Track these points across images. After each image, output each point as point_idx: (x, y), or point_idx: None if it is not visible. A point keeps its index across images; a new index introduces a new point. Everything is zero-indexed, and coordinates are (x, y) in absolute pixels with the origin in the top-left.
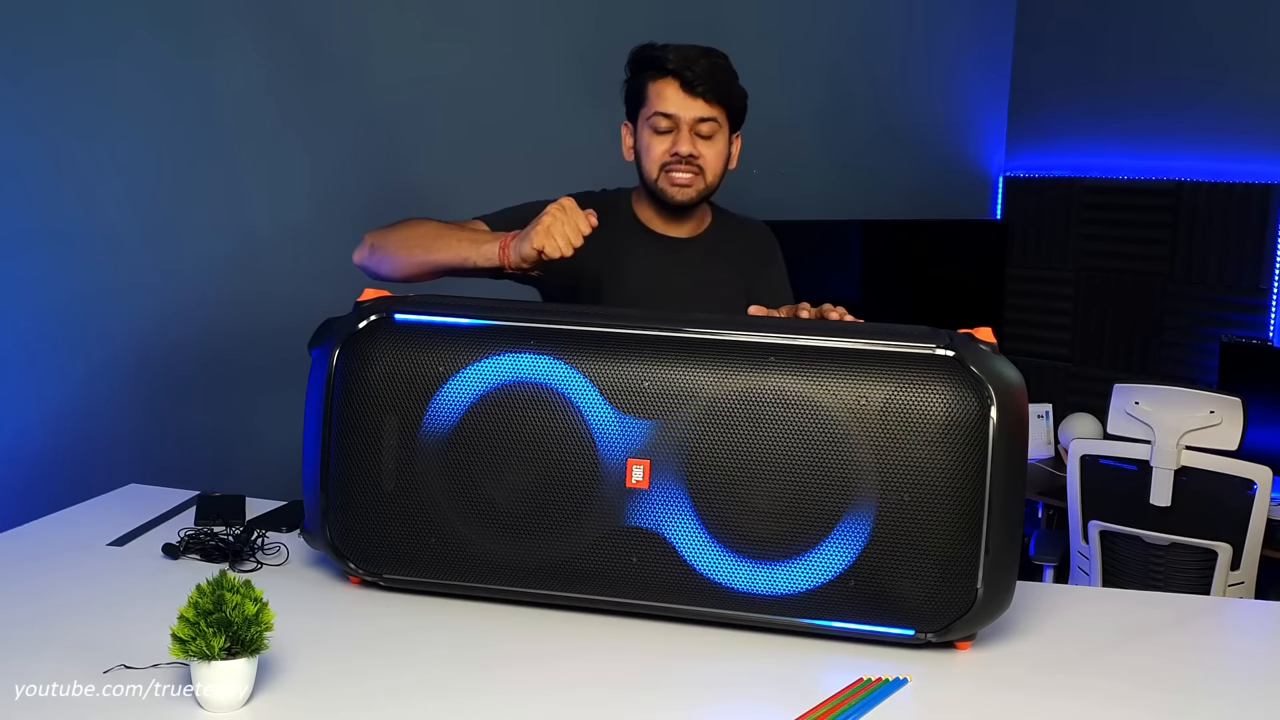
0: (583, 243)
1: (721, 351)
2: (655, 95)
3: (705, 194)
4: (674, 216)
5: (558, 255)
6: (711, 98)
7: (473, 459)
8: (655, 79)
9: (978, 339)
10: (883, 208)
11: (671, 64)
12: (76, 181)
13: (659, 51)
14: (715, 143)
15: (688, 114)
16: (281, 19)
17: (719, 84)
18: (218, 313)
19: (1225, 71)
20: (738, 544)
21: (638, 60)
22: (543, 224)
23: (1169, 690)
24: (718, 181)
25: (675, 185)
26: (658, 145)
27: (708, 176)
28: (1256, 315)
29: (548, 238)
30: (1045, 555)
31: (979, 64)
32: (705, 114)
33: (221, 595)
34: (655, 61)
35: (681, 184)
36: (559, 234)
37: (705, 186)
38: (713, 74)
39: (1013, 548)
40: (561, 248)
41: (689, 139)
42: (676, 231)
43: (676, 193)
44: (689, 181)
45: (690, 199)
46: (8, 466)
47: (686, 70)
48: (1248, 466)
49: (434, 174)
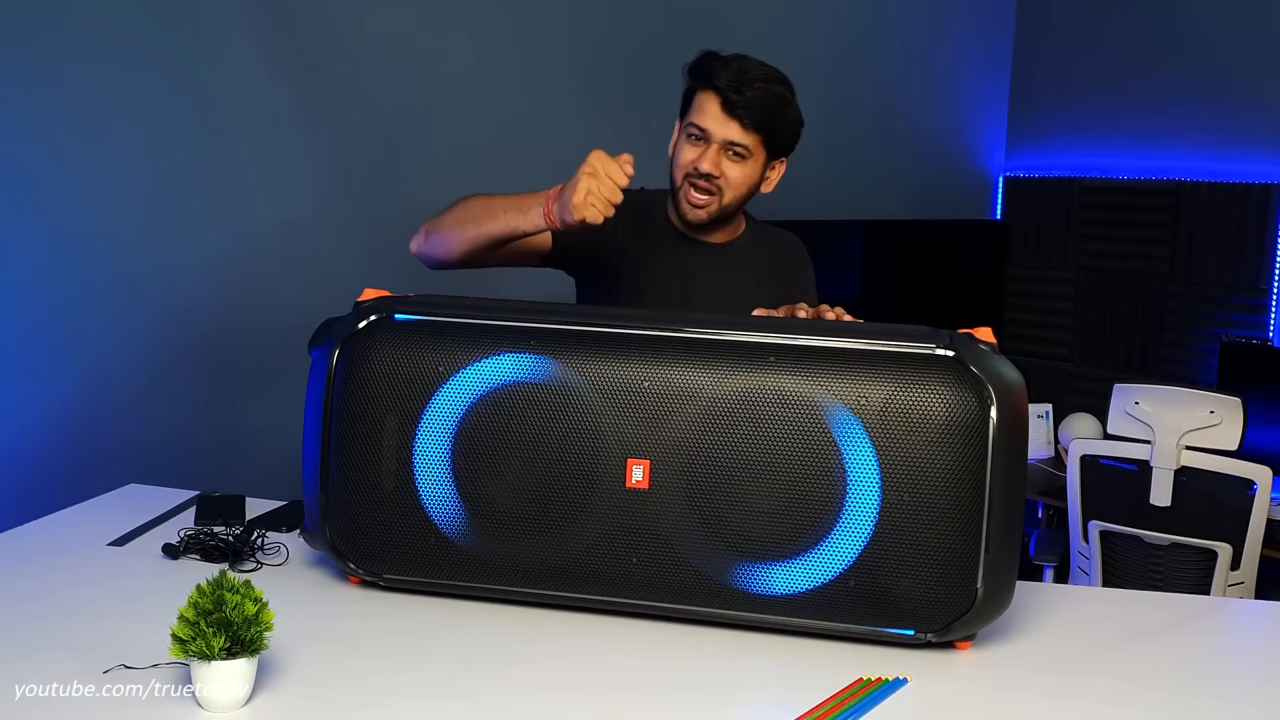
0: (621, 198)
1: (721, 351)
2: (697, 106)
3: (720, 215)
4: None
5: (600, 221)
6: (750, 124)
7: (472, 459)
8: (703, 89)
9: (978, 339)
10: (883, 208)
11: (720, 80)
12: (77, 181)
13: (717, 63)
14: (745, 166)
15: (721, 133)
16: (282, 19)
17: (762, 112)
18: (218, 313)
19: (1225, 71)
20: (738, 544)
21: (696, 68)
22: (581, 192)
23: (1169, 690)
24: (738, 204)
25: (690, 203)
26: (686, 154)
27: (725, 197)
28: (1256, 315)
29: (588, 208)
30: (1045, 555)
31: (979, 64)
32: (739, 139)
33: (221, 595)
34: (708, 73)
35: (696, 203)
36: (597, 200)
37: (720, 208)
38: (760, 102)
39: (1013, 548)
40: (602, 211)
41: (716, 157)
42: (709, 237)
43: (689, 211)
44: (704, 203)
45: (701, 220)
46: (8, 466)
47: (733, 93)
48: (1248, 466)
49: (434, 174)
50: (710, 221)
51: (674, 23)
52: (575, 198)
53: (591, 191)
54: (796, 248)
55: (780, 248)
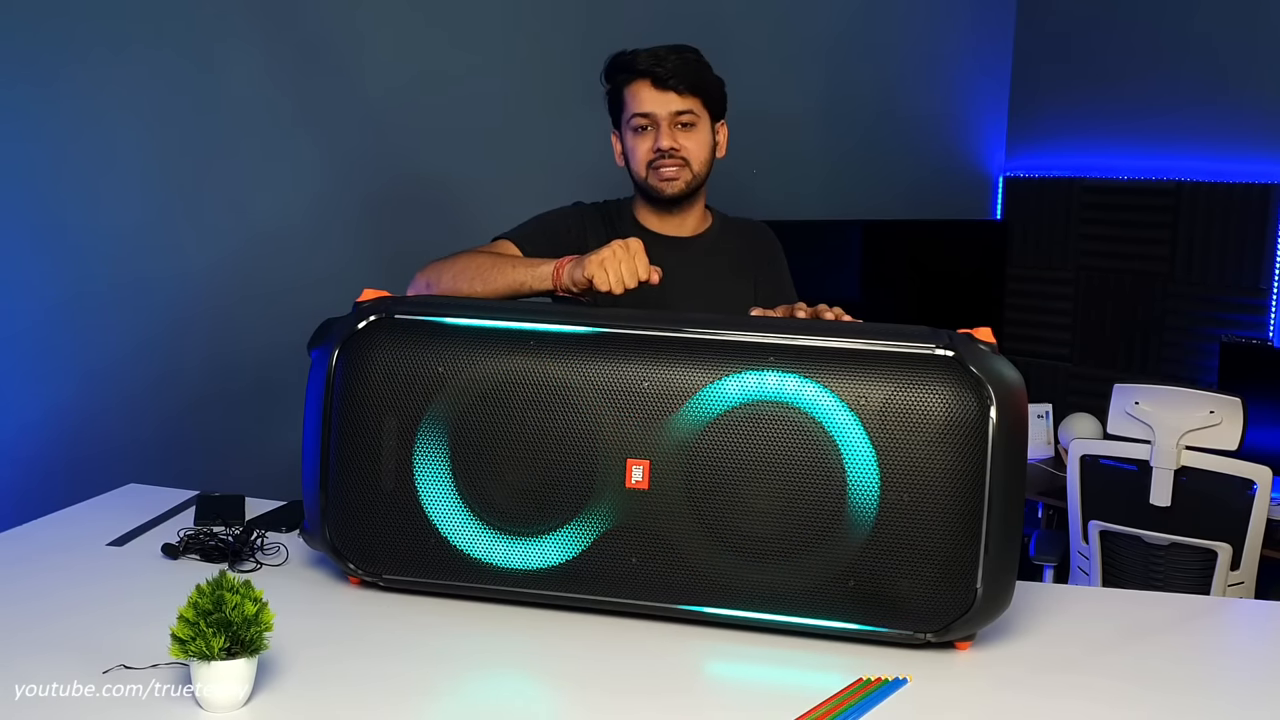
0: (636, 286)
1: (721, 351)
2: (631, 98)
3: (694, 184)
4: (671, 212)
5: (606, 289)
6: (684, 89)
7: (472, 459)
8: (629, 82)
9: (978, 339)
10: (883, 208)
11: (641, 64)
12: (77, 181)
13: (629, 56)
14: (697, 133)
15: (664, 109)
16: (282, 19)
17: (689, 75)
18: (218, 312)
19: (1225, 71)
20: (737, 544)
21: (611, 68)
22: (602, 255)
23: (1169, 690)
24: (705, 170)
25: (663, 180)
26: (641, 145)
27: (694, 166)
28: (1256, 315)
29: (601, 270)
30: (1045, 555)
31: (979, 64)
32: (681, 106)
33: (221, 595)
34: (626, 65)
35: (668, 177)
36: (613, 269)
37: (693, 177)
38: (683, 67)
39: (1013, 548)
40: (612, 284)
41: (669, 133)
42: (678, 230)
43: (665, 186)
44: (675, 174)
45: (680, 190)
46: (8, 466)
47: (657, 67)
48: (1248, 466)
49: (433, 174)
50: (687, 192)
51: (675, 24)
52: (595, 259)
53: (611, 261)
54: (765, 234)
55: (747, 235)
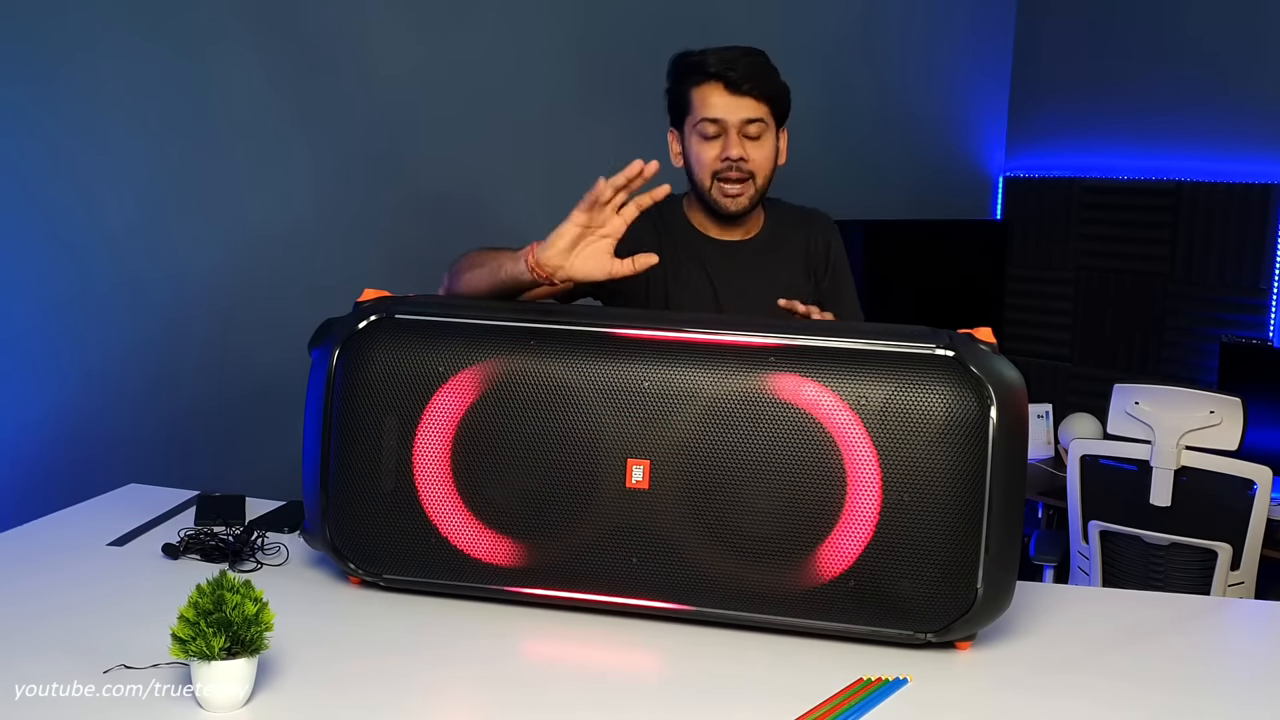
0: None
1: (721, 352)
2: (700, 101)
3: (758, 199)
4: (727, 223)
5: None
6: (758, 95)
7: (472, 459)
8: (699, 84)
9: (978, 339)
10: (883, 207)
11: (713, 67)
12: (76, 181)
13: (699, 56)
14: (763, 144)
15: (735, 116)
16: (280, 18)
17: (764, 81)
18: (218, 313)
19: (1225, 72)
20: (738, 544)
21: (679, 67)
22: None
23: (1169, 690)
24: (768, 183)
25: (727, 196)
26: (707, 151)
27: (759, 180)
28: (1256, 315)
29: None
30: (1045, 555)
31: (979, 64)
32: (753, 114)
33: (221, 595)
34: (697, 67)
35: (733, 194)
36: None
37: (756, 191)
38: (756, 71)
39: (1013, 548)
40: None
41: (738, 142)
42: (730, 235)
43: (729, 204)
44: (740, 190)
45: (743, 208)
46: (8, 466)
47: (730, 70)
48: (1248, 466)
49: (434, 173)
50: (750, 208)
51: (675, 24)
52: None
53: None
54: (821, 226)
55: (804, 228)
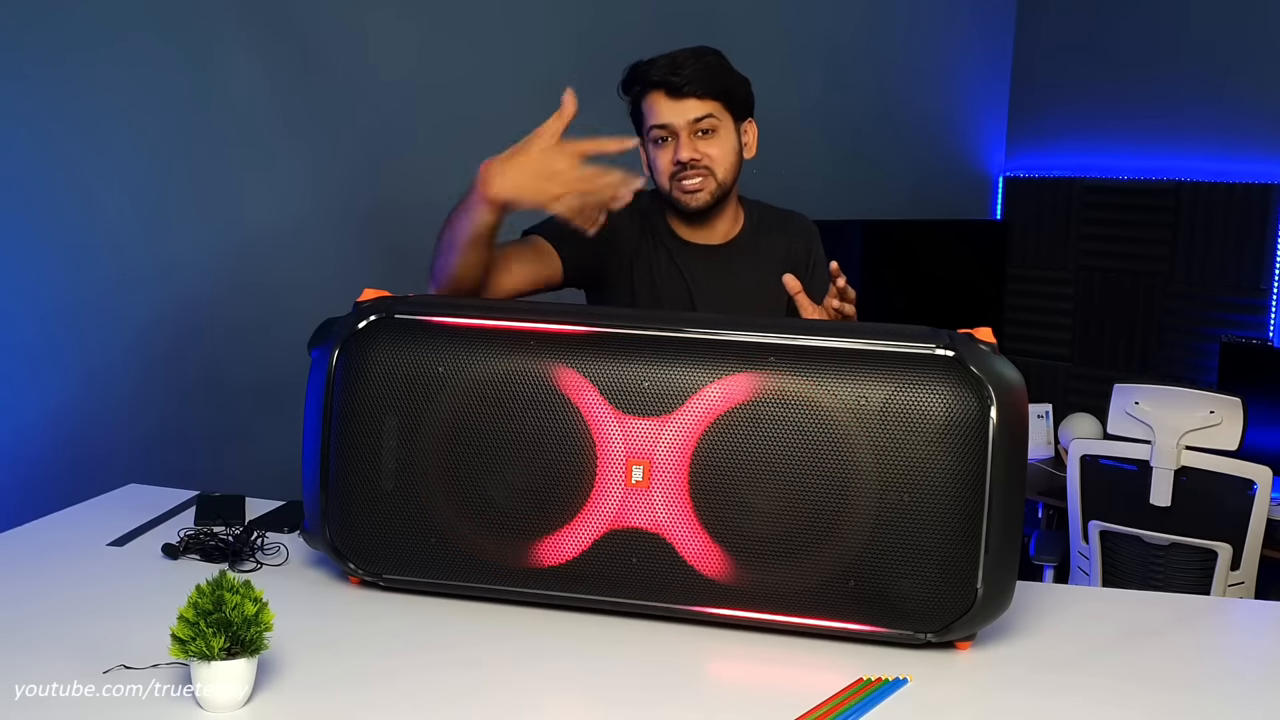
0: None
1: (721, 351)
2: (649, 109)
3: (719, 192)
4: (700, 222)
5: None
6: (702, 93)
7: (472, 459)
8: (646, 93)
9: (978, 339)
10: (883, 207)
11: (656, 74)
12: (76, 181)
13: (644, 66)
14: (719, 138)
15: (680, 119)
16: (279, 19)
17: (706, 79)
18: (217, 313)
19: (1225, 71)
20: (737, 544)
21: (628, 80)
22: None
23: (1169, 690)
24: (732, 176)
25: (686, 192)
26: (662, 158)
27: (718, 175)
28: (1256, 315)
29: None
30: (1045, 555)
31: (979, 63)
32: (699, 113)
33: (221, 595)
34: (642, 76)
35: (691, 189)
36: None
37: (717, 185)
38: (700, 73)
39: (1013, 548)
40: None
41: (688, 144)
42: (709, 238)
43: (689, 200)
44: (698, 186)
45: (705, 202)
46: (8, 466)
47: (672, 76)
48: (1248, 466)
49: (433, 173)
50: (713, 202)
51: (675, 24)
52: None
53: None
54: (802, 230)
55: (786, 230)
